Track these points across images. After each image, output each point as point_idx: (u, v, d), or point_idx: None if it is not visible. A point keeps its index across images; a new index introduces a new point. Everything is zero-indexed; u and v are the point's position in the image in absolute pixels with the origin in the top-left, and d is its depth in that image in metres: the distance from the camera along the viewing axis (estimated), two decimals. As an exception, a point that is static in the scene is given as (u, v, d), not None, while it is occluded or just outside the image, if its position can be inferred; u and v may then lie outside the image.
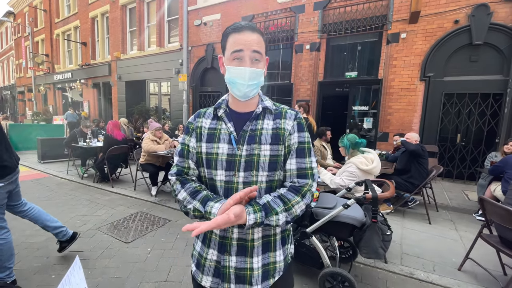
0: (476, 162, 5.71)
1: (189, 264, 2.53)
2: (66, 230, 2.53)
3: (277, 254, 0.95)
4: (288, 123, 0.91)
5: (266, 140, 0.89)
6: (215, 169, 0.90)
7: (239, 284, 0.91)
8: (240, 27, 0.84)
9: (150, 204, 4.16)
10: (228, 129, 0.91)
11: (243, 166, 0.88)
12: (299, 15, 7.14)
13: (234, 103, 0.95)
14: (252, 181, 0.88)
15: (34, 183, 5.25)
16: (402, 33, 5.96)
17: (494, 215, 2.24)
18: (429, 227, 3.56)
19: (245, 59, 0.84)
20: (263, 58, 0.88)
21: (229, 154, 0.89)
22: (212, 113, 0.97)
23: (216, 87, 9.13)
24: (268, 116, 0.93)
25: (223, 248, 0.91)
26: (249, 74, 0.85)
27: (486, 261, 2.55)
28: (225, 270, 0.91)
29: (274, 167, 0.89)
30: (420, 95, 5.94)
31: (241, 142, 0.89)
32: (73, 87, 14.36)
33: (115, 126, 5.15)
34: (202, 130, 0.95)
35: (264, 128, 0.90)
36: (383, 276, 2.45)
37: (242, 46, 0.83)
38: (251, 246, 0.90)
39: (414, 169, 3.91)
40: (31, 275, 2.28)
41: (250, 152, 0.88)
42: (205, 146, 0.92)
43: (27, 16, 18.65)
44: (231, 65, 0.87)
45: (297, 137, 0.91)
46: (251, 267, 0.90)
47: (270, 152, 0.88)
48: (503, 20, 5.15)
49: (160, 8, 10.13)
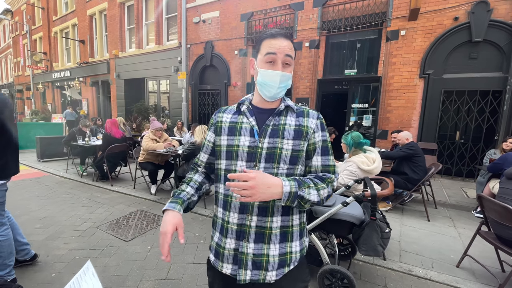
0: (475, 159, 5.72)
1: (189, 262, 2.54)
2: (29, 249, 2.42)
3: (293, 245, 0.98)
4: (311, 122, 0.97)
5: (289, 135, 0.94)
6: (236, 160, 0.95)
7: (255, 270, 0.93)
8: (275, 33, 0.92)
9: (149, 202, 4.17)
10: (250, 123, 0.97)
11: (264, 158, 0.93)
12: (298, 12, 7.10)
13: (258, 102, 1.01)
14: (273, 172, 0.92)
15: (33, 181, 5.25)
16: (402, 30, 5.94)
17: (492, 212, 2.25)
18: (428, 224, 3.57)
19: (277, 62, 0.91)
20: (292, 63, 0.94)
21: (251, 146, 0.94)
22: (234, 108, 1.04)
23: (215, 85, 9.11)
24: (290, 113, 0.99)
25: (242, 235, 0.95)
26: (280, 77, 0.91)
27: (484, 258, 2.57)
28: (243, 257, 0.94)
29: (295, 161, 0.94)
30: (419, 92, 5.94)
31: (263, 135, 0.94)
32: (71, 85, 14.31)
33: (114, 125, 5.14)
34: (222, 124, 1.01)
35: (287, 123, 0.96)
36: (382, 273, 2.46)
37: (276, 50, 0.90)
38: (269, 233, 0.94)
39: (408, 170, 3.93)
40: (32, 274, 2.29)
41: (273, 145, 0.93)
42: (226, 139, 0.98)
43: (24, 14, 18.52)
44: (264, 68, 0.92)
45: (321, 136, 0.98)
46: (268, 253, 0.94)
47: (292, 147, 0.93)
48: (503, 17, 5.14)
49: (159, 6, 10.07)
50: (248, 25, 8.01)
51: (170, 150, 4.36)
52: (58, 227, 3.22)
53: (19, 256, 2.33)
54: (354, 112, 7.05)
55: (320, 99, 7.34)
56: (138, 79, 11.31)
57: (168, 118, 10.33)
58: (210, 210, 3.86)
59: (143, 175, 4.73)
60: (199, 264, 2.51)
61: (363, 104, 6.90)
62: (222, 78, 8.78)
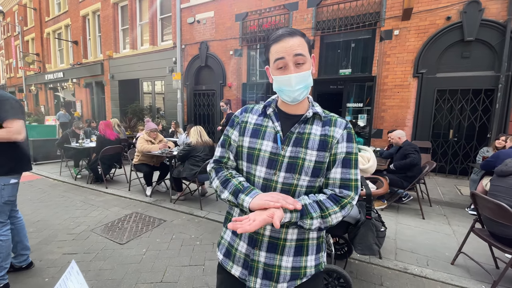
0: (468, 157, 5.79)
1: (185, 264, 2.53)
2: (28, 256, 2.39)
3: (309, 259, 0.93)
4: (337, 131, 0.90)
5: (314, 146, 0.88)
6: (256, 165, 0.92)
7: (266, 280, 0.90)
8: (278, 36, 0.85)
9: (145, 205, 4.13)
10: (275, 128, 0.92)
11: (285, 167, 0.88)
12: (292, 12, 7.12)
13: (283, 105, 0.96)
14: (292, 183, 0.88)
15: (26, 185, 5.17)
16: (395, 30, 5.99)
17: (485, 210, 2.28)
18: (423, 222, 3.60)
19: (288, 66, 0.85)
20: (307, 59, 0.86)
21: (272, 153, 0.90)
22: (260, 110, 0.99)
23: (211, 85, 9.08)
24: (317, 122, 0.93)
25: (254, 243, 0.92)
26: (294, 79, 0.85)
27: (478, 255, 2.60)
28: (254, 264, 0.91)
29: (317, 173, 0.88)
30: (413, 91, 5.99)
31: (287, 142, 0.90)
32: (65, 86, 14.13)
33: (107, 126, 5.09)
34: (247, 125, 0.97)
35: (312, 133, 0.90)
36: (378, 272, 2.48)
37: (282, 54, 0.84)
38: (283, 245, 0.90)
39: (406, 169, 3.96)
40: (25, 279, 2.25)
41: (295, 155, 0.88)
42: (248, 141, 0.94)
43: (16, 14, 18.27)
44: (276, 75, 0.88)
45: (345, 147, 0.90)
46: (280, 264, 0.90)
47: (316, 158, 0.88)
48: (494, 16, 5.21)
49: (152, 6, 10.01)
50: (243, 25, 8.00)
51: (165, 152, 4.33)
52: (51, 231, 3.17)
53: (18, 261, 2.30)
54: (349, 112, 7.08)
55: (315, 99, 7.31)
56: (132, 80, 11.22)
57: (163, 119, 10.27)
58: (206, 211, 3.84)
59: (138, 177, 4.69)
60: (195, 266, 2.49)
61: (358, 104, 6.94)
62: (217, 79, 8.76)
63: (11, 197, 2.07)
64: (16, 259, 2.29)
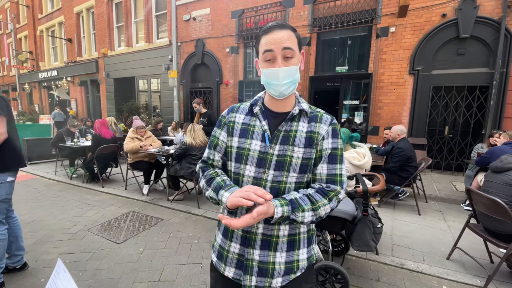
0: (463, 153, 5.85)
1: (182, 262, 2.52)
2: (23, 257, 2.37)
3: (301, 253, 0.96)
4: (322, 128, 0.91)
5: (300, 143, 0.89)
6: (245, 164, 0.92)
7: (261, 277, 0.92)
8: (269, 27, 0.85)
9: (142, 204, 4.11)
10: (263, 126, 0.92)
11: (273, 165, 0.89)
12: (289, 9, 7.08)
13: (270, 101, 0.95)
14: (281, 181, 0.89)
15: (20, 185, 5.11)
16: (391, 27, 6.00)
17: (480, 205, 2.30)
18: (419, 218, 3.64)
19: (276, 59, 0.84)
20: (296, 54, 0.86)
21: (261, 152, 0.90)
22: (247, 108, 0.99)
23: (207, 83, 9.03)
24: (303, 118, 0.93)
25: (247, 242, 0.92)
26: (282, 73, 0.85)
27: (473, 250, 2.63)
28: (248, 263, 0.92)
29: (305, 169, 0.90)
30: (409, 88, 6.02)
31: (274, 141, 0.90)
32: (59, 85, 13.96)
33: (103, 125, 5.03)
34: (235, 125, 0.97)
35: (298, 130, 0.91)
36: (374, 268, 2.50)
37: (271, 46, 0.83)
38: (275, 241, 0.92)
39: (401, 168, 3.97)
40: (21, 279, 2.23)
41: (283, 153, 0.89)
42: (237, 141, 0.94)
43: (8, 12, 17.96)
44: (264, 67, 0.87)
45: (330, 143, 0.91)
46: (274, 260, 0.92)
47: (303, 155, 0.89)
48: (489, 13, 5.24)
49: (148, 3, 9.90)
50: (239, 22, 7.95)
51: (162, 150, 4.30)
52: (47, 231, 3.14)
53: (12, 261, 2.28)
54: (346, 109, 7.10)
55: (312, 96, 7.36)
56: (128, 78, 11.12)
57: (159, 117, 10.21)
58: (203, 209, 3.83)
59: (135, 175, 4.66)
60: (193, 265, 2.49)
61: (355, 101, 6.96)
62: (214, 76, 8.71)
63: (8, 195, 2.06)
64: (10, 260, 2.27)
